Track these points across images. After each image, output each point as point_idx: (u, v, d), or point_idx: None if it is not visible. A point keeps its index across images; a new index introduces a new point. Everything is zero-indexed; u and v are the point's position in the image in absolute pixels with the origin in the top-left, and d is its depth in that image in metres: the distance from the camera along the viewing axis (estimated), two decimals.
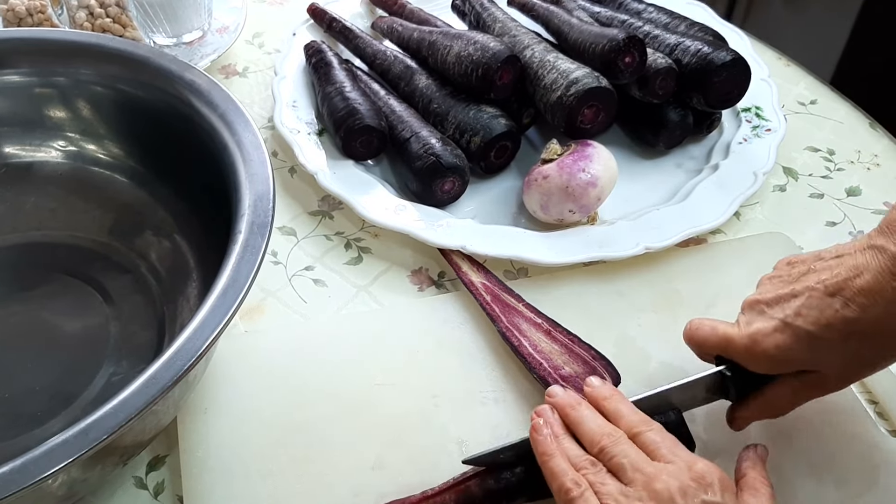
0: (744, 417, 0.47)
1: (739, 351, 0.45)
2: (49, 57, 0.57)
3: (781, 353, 0.43)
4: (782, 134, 0.69)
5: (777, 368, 0.44)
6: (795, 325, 0.42)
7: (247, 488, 0.47)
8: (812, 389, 0.45)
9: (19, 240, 0.58)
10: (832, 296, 0.42)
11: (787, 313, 0.43)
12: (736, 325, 0.46)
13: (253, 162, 0.49)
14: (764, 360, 0.44)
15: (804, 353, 0.43)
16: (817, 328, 0.42)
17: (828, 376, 0.44)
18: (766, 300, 0.45)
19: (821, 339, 0.42)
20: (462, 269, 0.58)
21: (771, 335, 0.43)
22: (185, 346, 0.39)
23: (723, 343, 0.46)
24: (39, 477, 0.35)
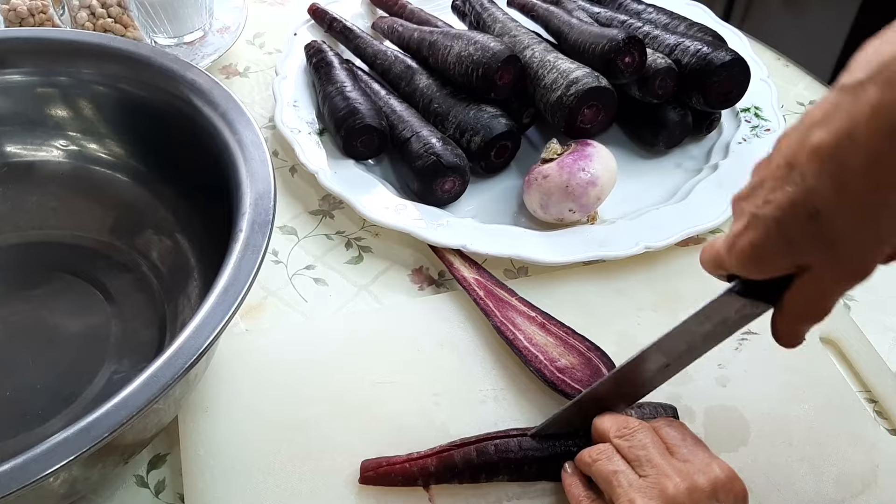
0: (783, 331, 0.41)
1: (727, 260, 0.39)
2: (51, 57, 0.58)
3: (756, 251, 0.36)
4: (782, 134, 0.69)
5: (761, 270, 0.38)
6: (763, 215, 0.36)
7: (248, 487, 0.47)
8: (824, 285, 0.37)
9: (21, 239, 0.59)
10: (790, 168, 0.34)
11: (757, 203, 0.36)
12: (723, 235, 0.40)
13: (254, 161, 0.49)
14: (744, 264, 0.38)
15: (779, 245, 0.36)
16: (782, 211, 0.35)
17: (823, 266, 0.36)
18: (742, 194, 0.38)
19: (789, 222, 0.35)
20: (454, 265, 0.58)
21: (744, 233, 0.37)
22: (186, 344, 0.39)
23: (717, 258, 0.40)
24: (41, 475, 0.35)
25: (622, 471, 0.41)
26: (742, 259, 0.37)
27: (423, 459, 0.47)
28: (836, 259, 0.35)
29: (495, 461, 0.46)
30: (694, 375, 0.53)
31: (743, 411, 0.51)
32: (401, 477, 0.46)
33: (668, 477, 0.39)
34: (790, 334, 0.41)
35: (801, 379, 0.53)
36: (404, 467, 0.46)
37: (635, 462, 0.41)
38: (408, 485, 0.46)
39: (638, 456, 0.41)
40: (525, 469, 0.47)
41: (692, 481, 0.39)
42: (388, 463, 0.47)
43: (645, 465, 0.40)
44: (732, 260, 0.38)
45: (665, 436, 0.42)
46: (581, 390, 0.50)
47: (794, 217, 0.34)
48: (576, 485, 0.44)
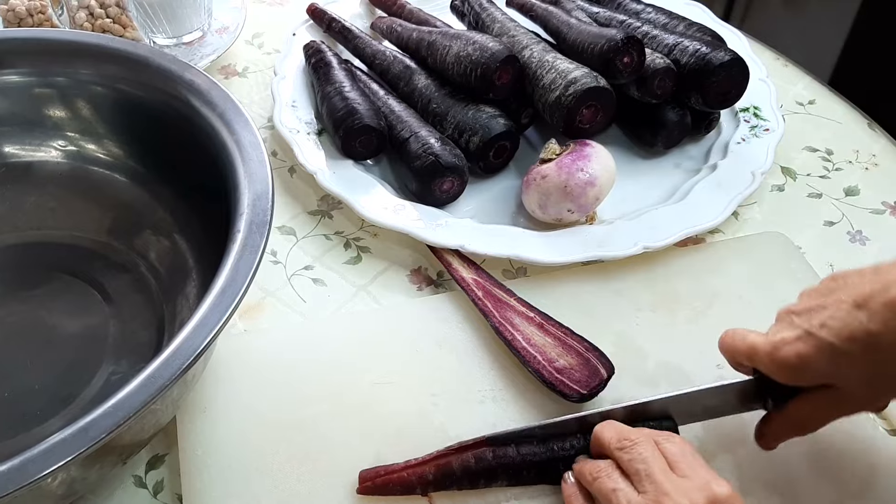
0: (771, 433, 0.47)
1: (762, 358, 0.44)
2: (49, 57, 0.57)
3: (801, 362, 0.42)
4: (780, 134, 0.69)
5: (797, 378, 0.43)
6: (818, 336, 0.42)
7: (246, 487, 0.47)
8: (836, 406, 0.44)
9: (19, 239, 0.59)
10: (859, 308, 0.41)
11: (813, 323, 0.42)
12: (765, 335, 0.45)
13: (252, 161, 0.49)
14: (784, 369, 0.43)
15: (825, 365, 0.42)
16: (839, 340, 0.41)
17: (850, 392, 0.43)
18: (796, 310, 0.44)
19: (842, 351, 0.41)
20: (453, 265, 0.58)
21: (793, 343, 0.43)
22: (183, 344, 0.39)
23: (749, 351, 0.45)
24: (38, 475, 0.35)
25: (622, 489, 0.41)
26: (783, 364, 0.43)
27: (420, 467, 0.46)
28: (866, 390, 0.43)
29: (493, 467, 0.46)
30: (692, 376, 0.53)
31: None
32: (399, 486, 0.46)
33: (666, 495, 0.40)
34: (776, 438, 0.47)
35: None
36: (402, 476, 0.46)
37: (635, 477, 0.41)
38: (406, 494, 0.46)
39: (637, 470, 0.41)
40: (524, 474, 0.47)
41: (691, 500, 0.39)
42: (386, 472, 0.46)
43: (644, 480, 0.41)
44: (771, 362, 0.44)
45: (665, 451, 0.43)
46: (579, 391, 0.50)
47: (849, 348, 0.41)
48: (576, 497, 0.44)
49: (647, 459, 0.42)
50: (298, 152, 0.65)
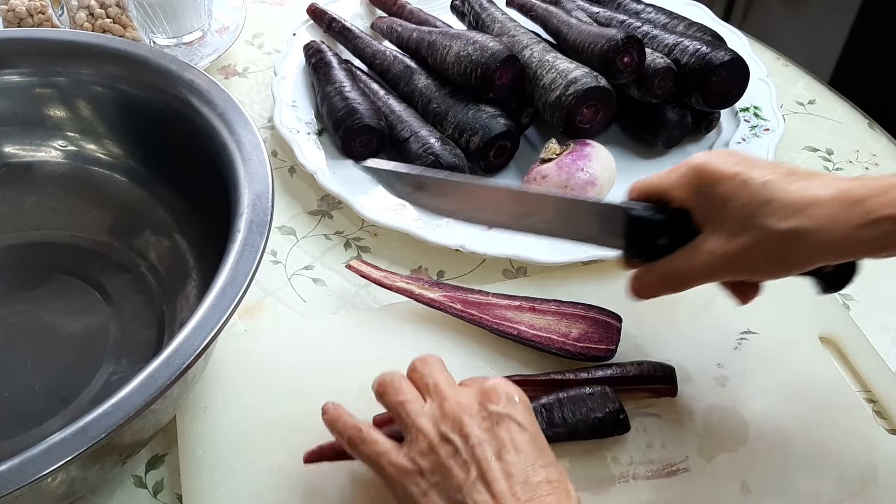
0: (645, 281, 0.47)
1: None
2: (49, 57, 0.58)
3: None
4: (781, 134, 0.69)
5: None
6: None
7: (246, 487, 0.47)
8: (731, 263, 0.43)
9: (19, 239, 0.59)
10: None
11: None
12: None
13: (252, 161, 0.49)
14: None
15: None
16: None
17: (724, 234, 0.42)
18: None
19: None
20: (416, 292, 0.55)
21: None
22: (183, 344, 0.39)
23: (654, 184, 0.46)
24: (38, 475, 0.35)
25: (409, 400, 0.42)
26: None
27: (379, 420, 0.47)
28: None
29: None
30: (693, 375, 0.53)
31: (742, 411, 0.51)
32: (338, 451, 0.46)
33: (445, 399, 0.41)
34: (647, 288, 0.47)
35: (801, 378, 0.53)
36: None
37: (423, 390, 0.42)
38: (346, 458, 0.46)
39: (426, 384, 0.42)
40: None
41: (466, 396, 0.41)
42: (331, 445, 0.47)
43: (431, 390, 0.42)
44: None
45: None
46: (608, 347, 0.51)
47: None
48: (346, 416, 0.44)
49: (434, 375, 0.43)
50: (298, 152, 0.65)
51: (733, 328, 0.55)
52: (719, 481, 0.48)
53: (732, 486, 0.47)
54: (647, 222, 0.46)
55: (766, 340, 0.55)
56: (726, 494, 0.47)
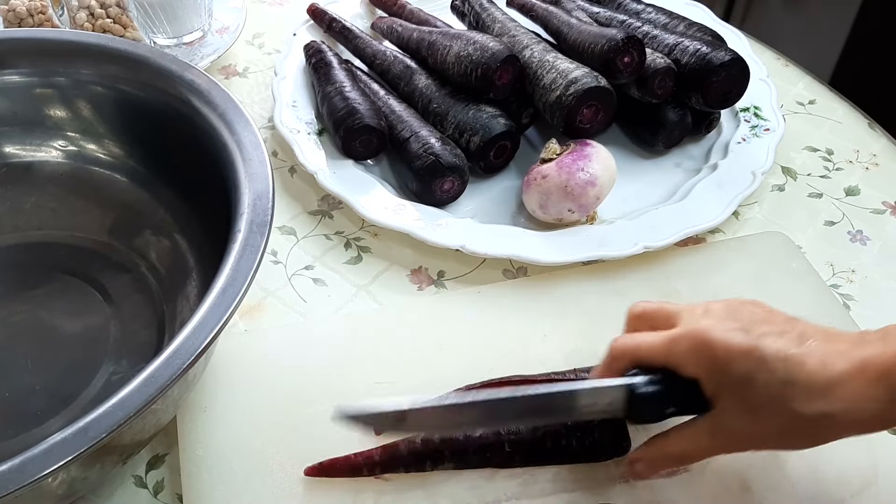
0: (647, 458, 0.45)
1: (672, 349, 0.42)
2: (49, 57, 0.58)
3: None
4: (781, 134, 0.69)
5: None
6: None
7: (246, 487, 0.47)
8: (755, 441, 0.42)
9: (19, 239, 0.59)
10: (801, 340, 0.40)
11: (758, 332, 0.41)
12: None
13: (252, 161, 0.49)
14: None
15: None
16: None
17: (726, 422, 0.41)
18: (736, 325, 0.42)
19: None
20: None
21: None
22: (184, 344, 0.39)
23: (654, 348, 0.43)
24: (39, 475, 0.35)
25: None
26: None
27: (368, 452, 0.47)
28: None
29: (439, 448, 0.47)
30: None
31: None
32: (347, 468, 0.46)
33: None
34: (647, 465, 0.45)
35: None
36: (349, 458, 0.47)
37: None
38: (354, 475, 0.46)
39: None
40: (470, 455, 0.47)
41: None
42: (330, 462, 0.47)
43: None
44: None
45: None
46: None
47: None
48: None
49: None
50: (299, 152, 0.65)
51: None
52: (719, 481, 0.48)
53: (733, 485, 0.47)
54: (653, 396, 0.42)
55: None
56: (726, 494, 0.47)
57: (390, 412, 0.42)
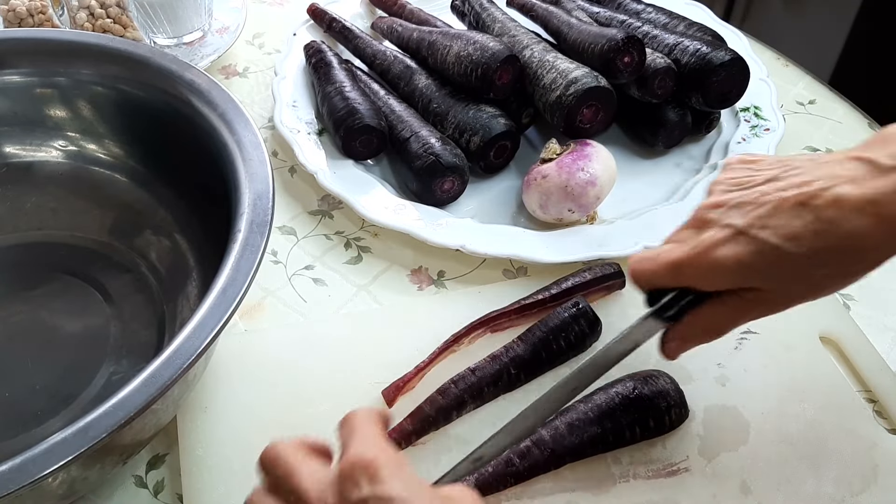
0: (680, 338, 0.43)
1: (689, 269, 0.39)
2: (50, 57, 0.58)
3: (738, 266, 0.38)
4: (781, 134, 0.69)
5: (727, 283, 0.39)
6: (758, 237, 0.37)
7: (246, 487, 0.46)
8: (754, 309, 0.41)
9: (20, 239, 0.59)
10: (804, 205, 0.36)
11: (750, 221, 0.38)
12: (679, 245, 0.40)
13: (252, 161, 0.49)
14: (716, 273, 0.39)
15: (764, 267, 0.38)
16: (783, 241, 0.37)
17: (774, 296, 0.39)
18: (725, 203, 0.39)
19: (784, 253, 0.37)
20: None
21: (726, 245, 0.38)
22: (184, 344, 0.39)
23: (673, 268, 0.40)
24: (39, 475, 0.35)
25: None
26: (716, 268, 0.39)
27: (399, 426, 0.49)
28: (791, 294, 0.40)
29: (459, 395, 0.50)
30: (693, 375, 0.53)
31: (742, 410, 0.51)
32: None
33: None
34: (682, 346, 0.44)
35: (801, 378, 0.53)
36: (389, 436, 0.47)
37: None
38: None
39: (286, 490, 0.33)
40: (485, 391, 0.51)
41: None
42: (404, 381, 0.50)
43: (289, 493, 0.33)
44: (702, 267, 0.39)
45: None
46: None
47: (793, 250, 0.37)
48: None
49: (289, 474, 0.33)
50: (299, 152, 0.65)
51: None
52: (720, 481, 0.48)
53: (733, 486, 0.47)
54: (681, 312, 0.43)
55: (767, 340, 0.55)
56: (726, 494, 0.47)
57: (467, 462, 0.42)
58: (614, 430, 0.48)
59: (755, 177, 0.40)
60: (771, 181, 0.39)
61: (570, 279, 0.56)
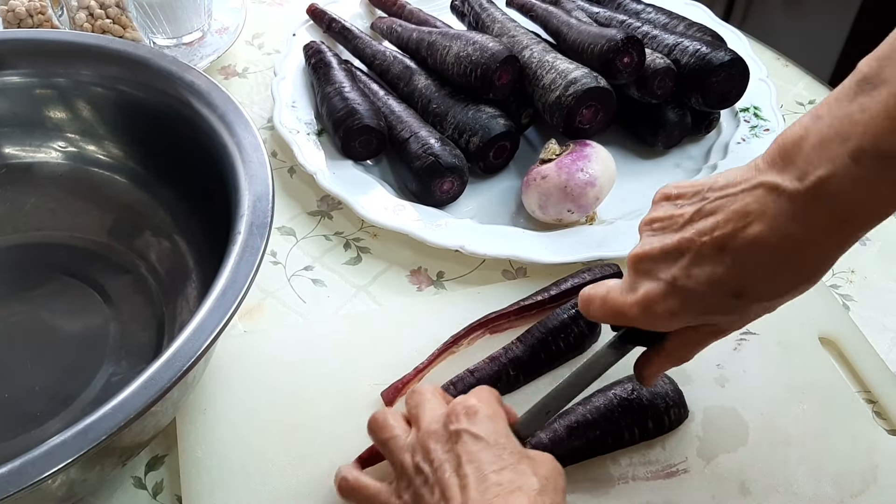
0: (651, 374, 0.46)
1: (633, 319, 0.42)
2: (49, 58, 0.58)
3: (675, 318, 0.40)
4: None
5: (673, 327, 0.42)
6: (686, 288, 0.39)
7: (245, 488, 0.47)
8: (711, 337, 0.43)
9: (19, 240, 0.59)
10: (721, 250, 0.37)
11: (675, 273, 0.39)
12: (624, 291, 0.42)
13: (252, 162, 0.49)
14: (657, 324, 0.41)
15: (698, 313, 0.40)
16: (708, 288, 0.38)
17: (724, 326, 0.42)
18: (650, 255, 0.40)
19: (713, 298, 0.38)
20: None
21: (662, 301, 0.40)
22: (184, 346, 0.39)
23: (616, 315, 0.43)
24: (39, 477, 0.35)
25: (395, 436, 0.43)
26: (657, 320, 0.41)
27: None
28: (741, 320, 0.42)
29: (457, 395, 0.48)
30: (692, 376, 0.53)
31: (742, 411, 0.51)
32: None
33: (420, 429, 0.42)
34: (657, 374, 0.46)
35: (800, 379, 0.53)
36: None
37: (412, 422, 0.44)
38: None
39: (413, 414, 0.44)
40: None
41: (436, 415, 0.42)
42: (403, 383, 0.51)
43: (414, 422, 0.43)
44: (644, 319, 0.41)
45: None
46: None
47: (720, 294, 0.38)
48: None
49: (418, 405, 0.44)
50: (298, 153, 0.65)
51: None
52: (719, 482, 0.48)
53: (732, 486, 0.47)
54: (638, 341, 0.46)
55: (766, 341, 0.55)
56: (725, 495, 0.47)
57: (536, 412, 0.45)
58: (613, 431, 0.48)
59: (676, 218, 0.40)
60: (688, 224, 0.39)
61: (570, 280, 0.56)
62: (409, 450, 0.42)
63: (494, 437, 0.40)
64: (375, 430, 0.44)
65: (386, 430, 0.44)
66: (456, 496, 0.38)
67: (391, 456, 0.43)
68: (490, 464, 0.38)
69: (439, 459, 0.39)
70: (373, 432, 0.45)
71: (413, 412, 0.44)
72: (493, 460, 0.39)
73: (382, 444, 0.44)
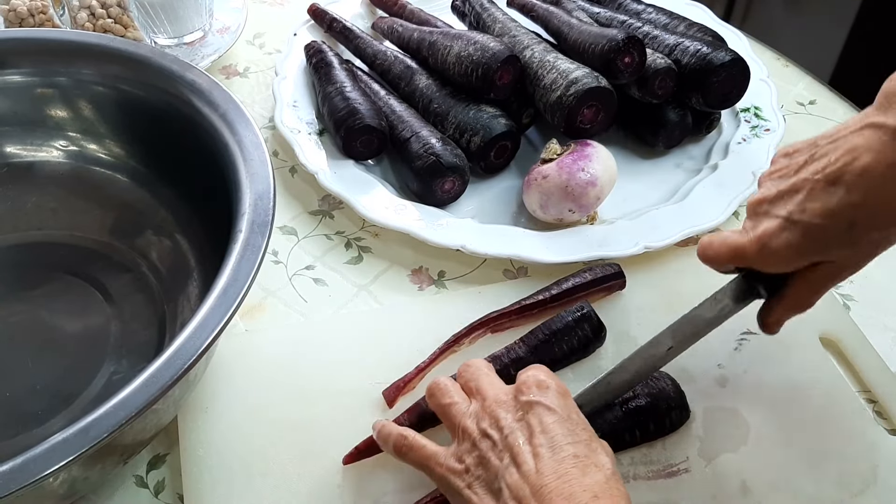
0: (774, 321, 0.47)
1: (751, 256, 0.44)
2: (50, 57, 0.58)
3: (792, 252, 0.42)
4: (781, 134, 0.69)
5: (791, 266, 0.44)
6: (802, 221, 0.42)
7: (247, 487, 0.47)
8: (830, 279, 0.45)
9: (20, 239, 0.59)
10: (833, 184, 0.41)
11: (791, 209, 0.42)
12: (743, 232, 0.45)
13: (253, 161, 0.49)
14: (776, 261, 0.43)
15: (815, 247, 0.42)
16: (823, 219, 0.41)
17: (842, 263, 0.44)
18: (768, 198, 0.44)
19: (829, 229, 0.41)
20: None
21: (779, 235, 0.42)
22: (185, 345, 0.39)
23: (735, 254, 0.45)
24: (40, 475, 0.35)
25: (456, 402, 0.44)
26: (775, 257, 0.43)
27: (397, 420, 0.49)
28: (856, 257, 0.43)
29: None
30: (694, 375, 0.53)
31: (742, 411, 0.51)
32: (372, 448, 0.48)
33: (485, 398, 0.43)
34: (780, 322, 0.48)
35: (801, 379, 0.53)
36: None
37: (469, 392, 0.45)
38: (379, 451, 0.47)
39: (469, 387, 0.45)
40: None
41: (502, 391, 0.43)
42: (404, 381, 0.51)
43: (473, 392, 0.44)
44: (762, 257, 0.44)
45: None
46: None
47: (834, 225, 0.41)
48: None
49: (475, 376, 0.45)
50: (299, 152, 0.65)
51: (733, 329, 0.55)
52: (719, 482, 0.48)
53: (732, 486, 0.47)
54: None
55: (766, 341, 0.55)
56: (726, 495, 0.47)
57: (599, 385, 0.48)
58: (614, 434, 0.48)
59: (791, 166, 0.44)
60: (803, 168, 0.43)
61: (571, 280, 0.56)
62: (472, 416, 0.42)
63: (567, 411, 0.41)
64: (437, 394, 0.45)
65: (447, 395, 0.45)
66: (528, 461, 0.39)
67: (451, 420, 0.43)
68: (565, 436, 0.40)
69: (510, 427, 0.41)
70: (433, 397, 0.45)
71: (471, 384, 0.45)
72: (567, 433, 0.40)
73: (443, 409, 0.44)
